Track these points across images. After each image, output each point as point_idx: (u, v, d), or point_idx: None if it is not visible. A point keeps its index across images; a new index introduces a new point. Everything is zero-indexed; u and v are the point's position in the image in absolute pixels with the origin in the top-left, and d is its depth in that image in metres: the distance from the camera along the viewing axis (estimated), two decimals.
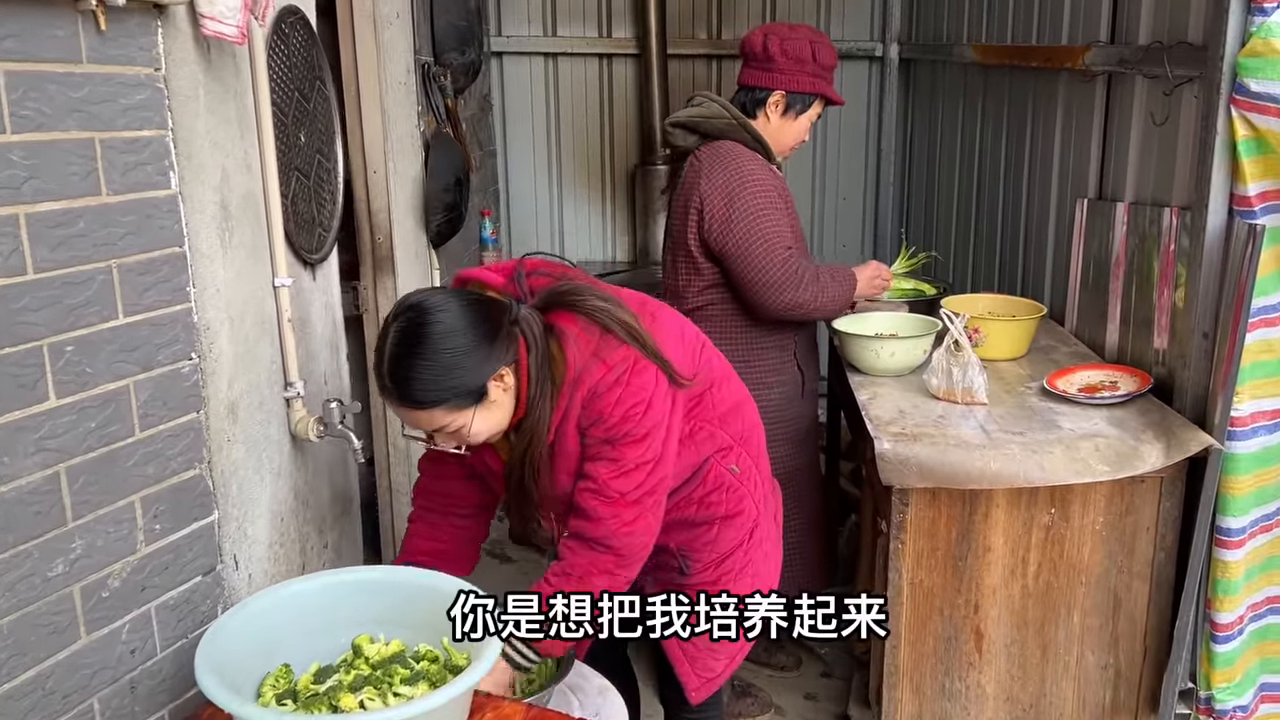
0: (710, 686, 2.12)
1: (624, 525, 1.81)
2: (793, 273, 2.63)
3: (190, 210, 1.61)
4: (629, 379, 1.77)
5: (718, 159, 2.72)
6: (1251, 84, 2.12)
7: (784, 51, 2.75)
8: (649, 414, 1.79)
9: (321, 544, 2.18)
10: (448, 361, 1.65)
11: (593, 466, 1.81)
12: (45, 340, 1.38)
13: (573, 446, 1.82)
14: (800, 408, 2.93)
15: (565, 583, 1.81)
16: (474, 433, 1.73)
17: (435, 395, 1.67)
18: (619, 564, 1.83)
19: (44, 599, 1.41)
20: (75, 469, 1.43)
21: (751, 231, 2.63)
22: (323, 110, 2.25)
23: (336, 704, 1.56)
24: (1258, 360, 2.24)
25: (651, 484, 1.83)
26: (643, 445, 1.80)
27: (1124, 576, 2.38)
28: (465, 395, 1.69)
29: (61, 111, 1.37)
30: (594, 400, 1.76)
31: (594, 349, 1.77)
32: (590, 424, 1.78)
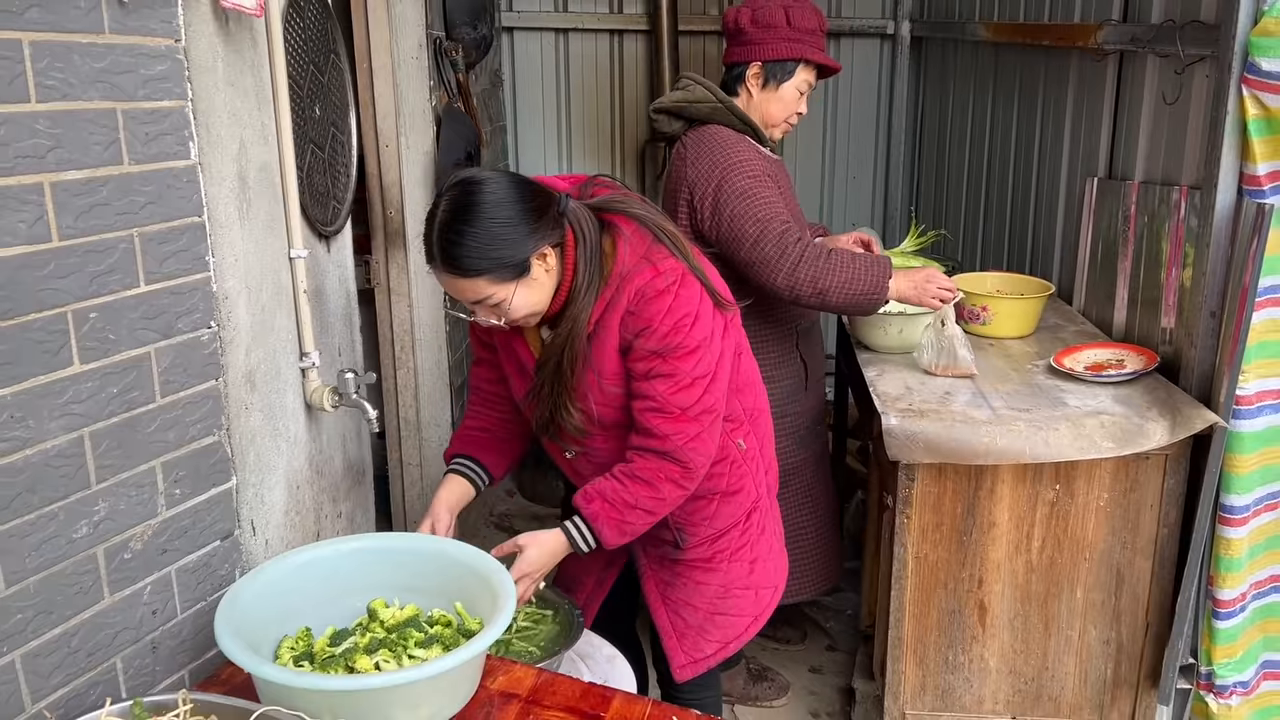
0: (697, 667, 2.13)
1: (688, 440, 1.86)
2: (787, 247, 2.46)
3: (209, 181, 1.63)
4: (677, 290, 1.82)
5: (702, 145, 2.63)
6: (1263, 63, 2.12)
7: (755, 21, 2.66)
8: (697, 326, 1.83)
9: (335, 513, 2.22)
10: (494, 231, 1.72)
11: (649, 385, 1.85)
12: (69, 307, 1.40)
13: (611, 343, 1.85)
14: (804, 402, 2.85)
15: (634, 483, 1.88)
16: (514, 307, 1.79)
17: (480, 264, 1.73)
18: (685, 475, 1.89)
19: (69, 559, 1.44)
20: (99, 434, 1.46)
21: (743, 213, 2.52)
22: (337, 83, 2.26)
23: (352, 666, 1.59)
24: (1264, 340, 2.25)
25: (709, 402, 1.88)
26: (695, 357, 1.84)
27: (1127, 552, 2.40)
28: (508, 267, 1.75)
29: (85, 81, 1.39)
30: (642, 306, 1.81)
31: (645, 252, 1.83)
32: (638, 333, 1.82)
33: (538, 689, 1.64)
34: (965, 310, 2.90)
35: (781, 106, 2.71)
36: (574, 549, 1.94)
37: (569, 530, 1.93)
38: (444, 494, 2.08)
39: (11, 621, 1.37)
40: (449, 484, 2.10)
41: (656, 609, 2.13)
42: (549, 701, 1.61)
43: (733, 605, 2.13)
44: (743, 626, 2.16)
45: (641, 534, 1.97)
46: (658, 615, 2.13)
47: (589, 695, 1.63)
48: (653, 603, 2.14)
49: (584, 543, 1.93)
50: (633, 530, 1.93)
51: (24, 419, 1.35)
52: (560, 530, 1.94)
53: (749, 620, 2.17)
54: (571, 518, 1.94)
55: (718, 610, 2.12)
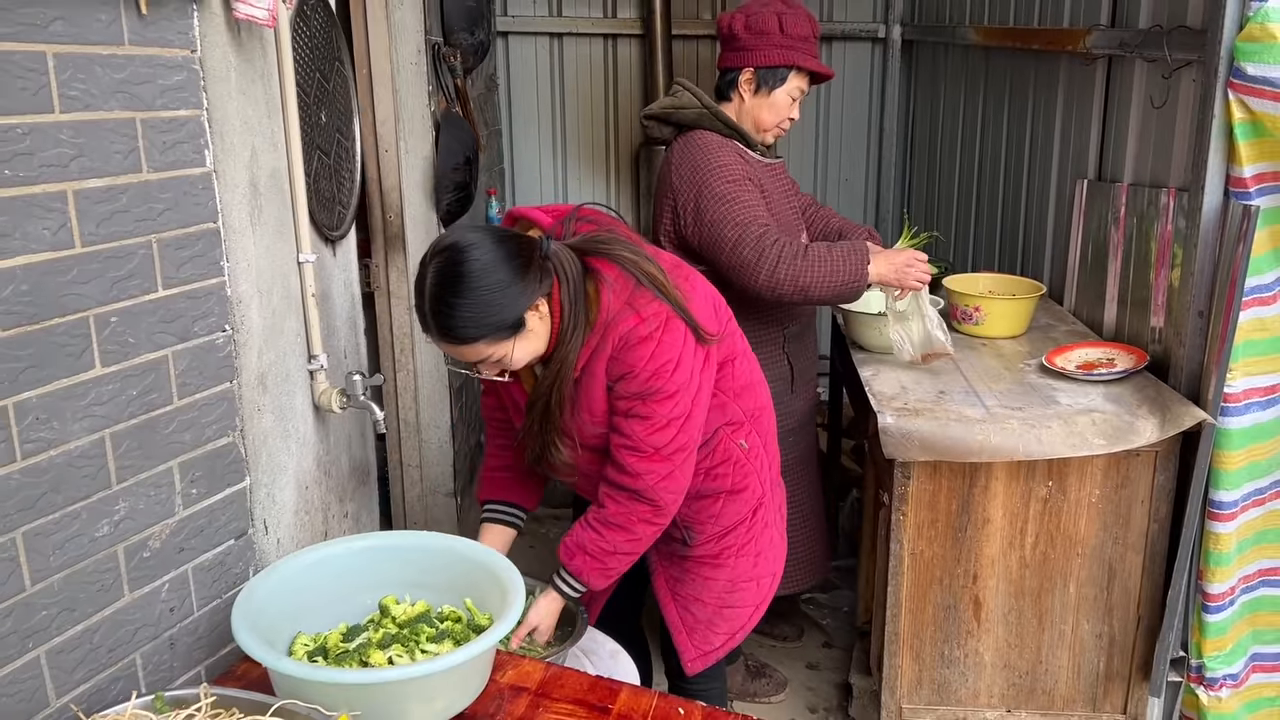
0: (706, 659, 2.18)
1: (659, 479, 1.91)
2: (765, 250, 2.47)
3: (223, 187, 1.67)
4: (660, 335, 1.85)
5: (687, 151, 2.66)
6: (1248, 68, 2.17)
7: (748, 27, 2.67)
8: (678, 371, 1.87)
9: (342, 512, 2.25)
10: (486, 299, 1.73)
11: (627, 424, 1.89)
12: (91, 311, 1.44)
13: (599, 387, 1.89)
14: (791, 403, 2.86)
15: (609, 530, 1.94)
16: (515, 360, 1.83)
17: (476, 331, 1.76)
18: (656, 514, 1.95)
19: (91, 558, 1.48)
20: (119, 435, 1.50)
21: (722, 217, 2.54)
22: (341, 90, 2.30)
23: (366, 660, 1.63)
24: (1250, 338, 2.29)
25: (683, 440, 1.92)
26: (673, 401, 1.88)
27: (1119, 548, 2.45)
28: (504, 328, 1.78)
29: (106, 92, 1.43)
30: (626, 351, 1.84)
31: (628, 298, 1.85)
32: (621, 376, 1.86)
33: (546, 682, 1.68)
34: (958, 311, 2.95)
35: (773, 112, 2.73)
36: (567, 600, 2.03)
37: (557, 584, 2.01)
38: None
39: (37, 618, 1.41)
40: (487, 534, 2.15)
41: (666, 605, 2.18)
42: (558, 694, 1.65)
43: (739, 597, 2.19)
44: (746, 616, 2.22)
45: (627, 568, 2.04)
46: (667, 611, 2.18)
47: (597, 688, 1.67)
48: (662, 599, 2.19)
49: (574, 592, 2.01)
50: (616, 572, 2.01)
51: (49, 420, 1.39)
52: (550, 588, 2.02)
53: (752, 609, 2.22)
54: (558, 571, 2.02)
55: (725, 604, 2.17)
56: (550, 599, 2.03)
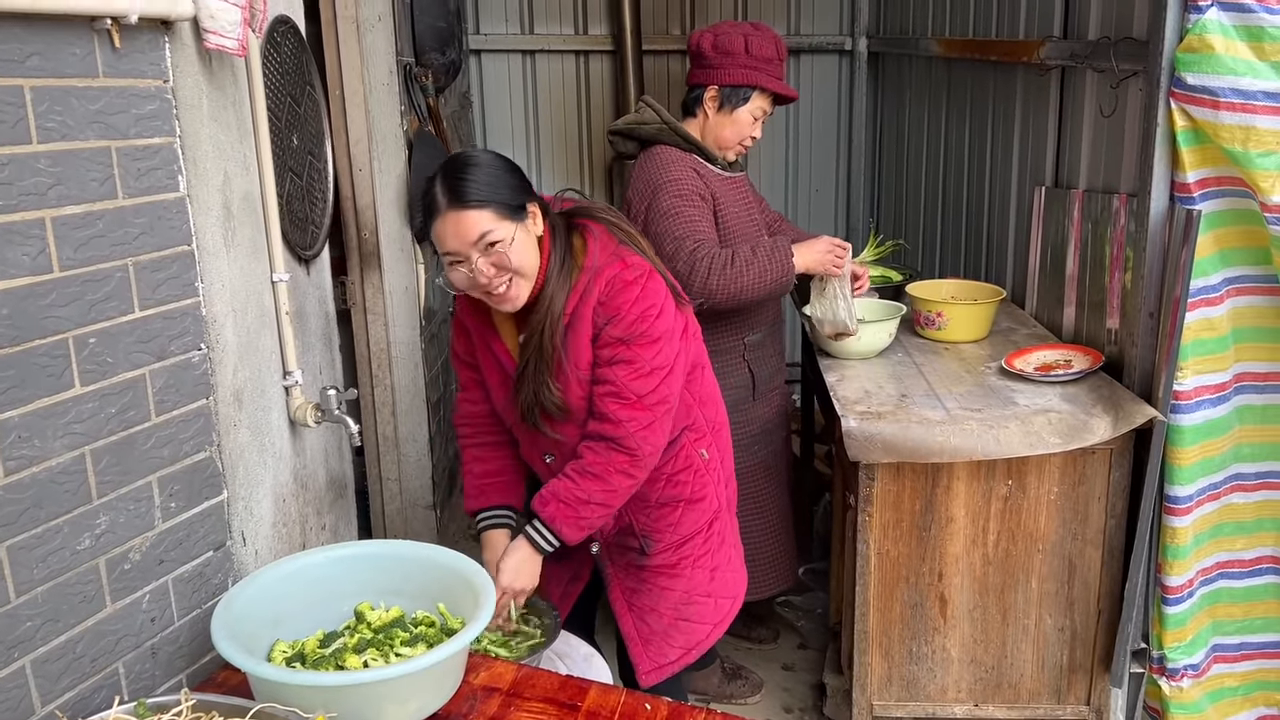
0: (661, 672, 2.21)
1: (640, 427, 1.97)
2: (696, 263, 2.58)
3: (197, 211, 1.72)
4: (645, 282, 1.96)
5: (645, 166, 2.77)
6: (1188, 78, 2.25)
7: (715, 47, 2.77)
8: (661, 318, 1.97)
9: (320, 525, 2.30)
10: (495, 173, 1.90)
11: (611, 370, 1.96)
12: (71, 333, 1.49)
13: (584, 335, 1.97)
14: (752, 410, 2.94)
15: (585, 479, 1.99)
16: (513, 251, 1.89)
17: (487, 192, 1.87)
18: (633, 464, 2.00)
19: (73, 570, 1.53)
20: (99, 451, 1.55)
21: (663, 232, 2.65)
22: (313, 113, 2.36)
23: (342, 664, 1.68)
24: (1199, 338, 2.37)
25: (664, 392, 1.99)
26: (656, 346, 1.96)
27: (1078, 543, 2.52)
28: (509, 206, 1.89)
29: (82, 122, 1.48)
30: (612, 295, 1.94)
31: (614, 249, 1.98)
32: (607, 320, 1.95)
33: (518, 682, 1.74)
34: (921, 316, 3.03)
35: (735, 130, 2.83)
36: (539, 551, 2.05)
37: (530, 535, 2.05)
38: (491, 557, 2.14)
39: (21, 629, 1.46)
40: (491, 542, 2.17)
41: (622, 615, 2.22)
42: (529, 694, 1.71)
43: (694, 612, 2.22)
44: (703, 634, 2.24)
45: (599, 528, 2.09)
46: (623, 622, 2.21)
47: (567, 687, 1.73)
48: (619, 609, 2.22)
49: (546, 544, 2.04)
50: (589, 524, 2.04)
51: (30, 438, 1.44)
52: (522, 537, 2.06)
53: (709, 628, 2.25)
54: (531, 522, 2.05)
55: (681, 616, 2.21)
56: (520, 551, 2.05)
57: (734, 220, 2.81)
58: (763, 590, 3.02)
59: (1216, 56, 2.21)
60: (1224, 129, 2.22)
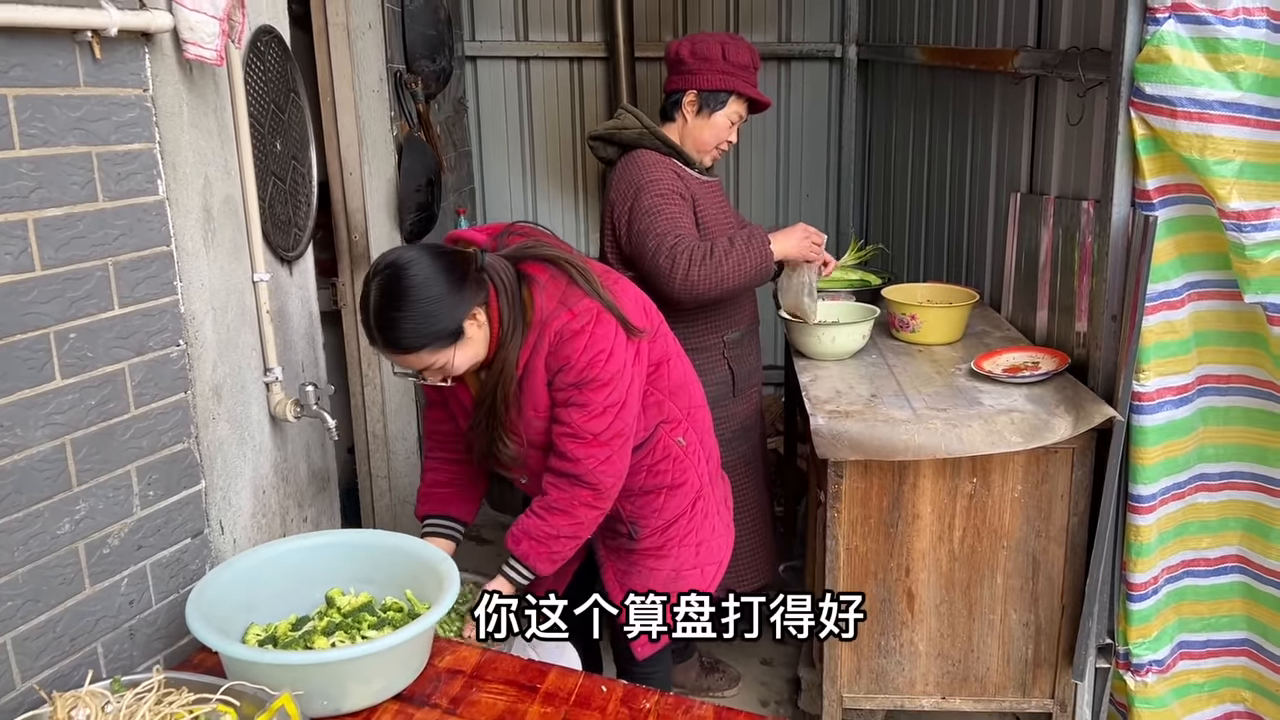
0: (655, 644, 2.28)
1: (598, 464, 2.05)
2: (677, 257, 2.64)
3: (176, 214, 1.80)
4: (592, 329, 2.00)
5: (626, 169, 2.84)
6: (1147, 87, 2.30)
7: (693, 53, 2.86)
8: (611, 361, 2.02)
9: (301, 517, 2.38)
10: (426, 310, 1.88)
11: (566, 412, 2.04)
12: (51, 329, 1.58)
13: (540, 384, 2.04)
14: (732, 407, 2.99)
15: (552, 515, 2.08)
16: (456, 366, 1.97)
17: (418, 340, 1.90)
18: (596, 497, 2.09)
19: (53, 553, 1.61)
20: (79, 441, 1.63)
21: (646, 230, 2.71)
22: (297, 120, 2.44)
23: (310, 646, 1.76)
24: (1161, 340, 2.42)
25: (619, 427, 2.07)
26: (608, 389, 2.03)
27: (1041, 540, 2.57)
28: (444, 337, 1.92)
29: (63, 129, 1.57)
30: (561, 345, 1.99)
31: (560, 296, 2.02)
32: (558, 369, 2.01)
33: (481, 666, 1.81)
34: (896, 319, 3.09)
35: (713, 134, 2.90)
36: (515, 586, 2.13)
37: (507, 574, 2.13)
38: None
39: (3, 608, 1.54)
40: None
41: (615, 595, 2.29)
42: (491, 676, 1.78)
43: (684, 585, 2.30)
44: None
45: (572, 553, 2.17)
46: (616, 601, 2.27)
47: (527, 670, 1.80)
48: (611, 590, 2.31)
49: (522, 579, 2.13)
50: (562, 556, 2.14)
51: (12, 428, 1.53)
52: (500, 576, 2.14)
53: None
54: (507, 560, 2.14)
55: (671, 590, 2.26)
56: (499, 586, 2.12)
57: (712, 221, 2.89)
58: (744, 583, 3.07)
59: (1174, 67, 2.26)
60: (1181, 137, 2.27)
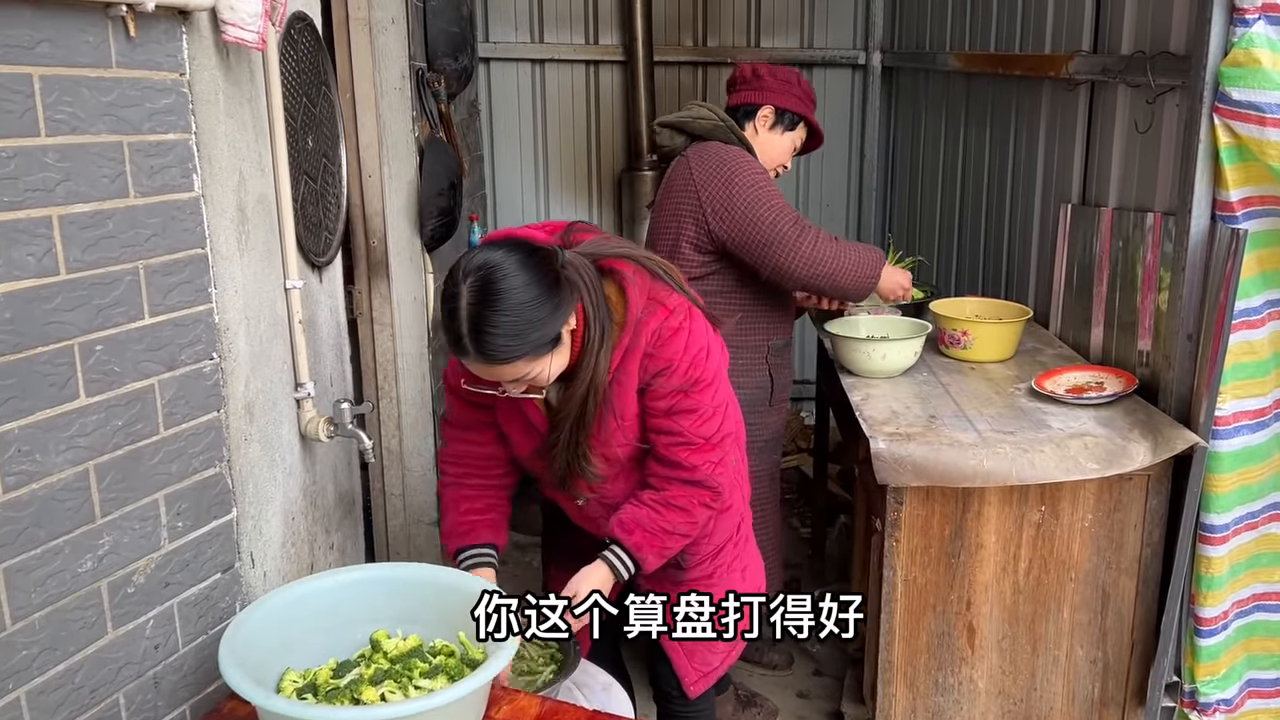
0: (708, 680, 2.18)
1: (715, 467, 1.94)
2: (806, 227, 2.63)
3: (211, 212, 1.64)
4: (689, 325, 1.86)
5: (707, 154, 2.74)
6: (1234, 93, 2.18)
7: (773, 74, 2.88)
8: (711, 358, 1.90)
9: (328, 544, 2.21)
10: (528, 315, 1.67)
11: (673, 421, 1.89)
12: (76, 340, 1.40)
13: (630, 388, 1.87)
14: (765, 416, 2.90)
15: (670, 511, 1.94)
16: (550, 375, 1.78)
17: (518, 349, 1.69)
18: (715, 498, 1.97)
19: (74, 594, 1.43)
20: (103, 466, 1.46)
21: (757, 199, 2.64)
22: (327, 115, 2.28)
23: (358, 697, 1.59)
24: (1239, 361, 2.30)
25: (728, 427, 1.97)
26: (713, 388, 1.91)
27: (1112, 572, 2.44)
28: (544, 344, 1.72)
29: (93, 115, 1.40)
30: (660, 347, 1.83)
31: (649, 291, 1.85)
32: (658, 373, 1.85)
33: (541, 717, 1.65)
34: (946, 335, 2.95)
35: (778, 152, 2.90)
36: (616, 577, 1.97)
37: (610, 560, 1.96)
38: None
39: (17, 658, 1.36)
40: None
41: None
42: None
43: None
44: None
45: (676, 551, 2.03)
46: (665, 638, 2.12)
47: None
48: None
49: (625, 570, 1.97)
50: (669, 553, 2.00)
51: (31, 453, 1.35)
52: (601, 561, 1.97)
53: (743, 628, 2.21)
54: (611, 548, 1.97)
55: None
56: (598, 572, 1.95)
57: None
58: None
59: (1263, 71, 2.14)
60: (1271, 146, 2.15)
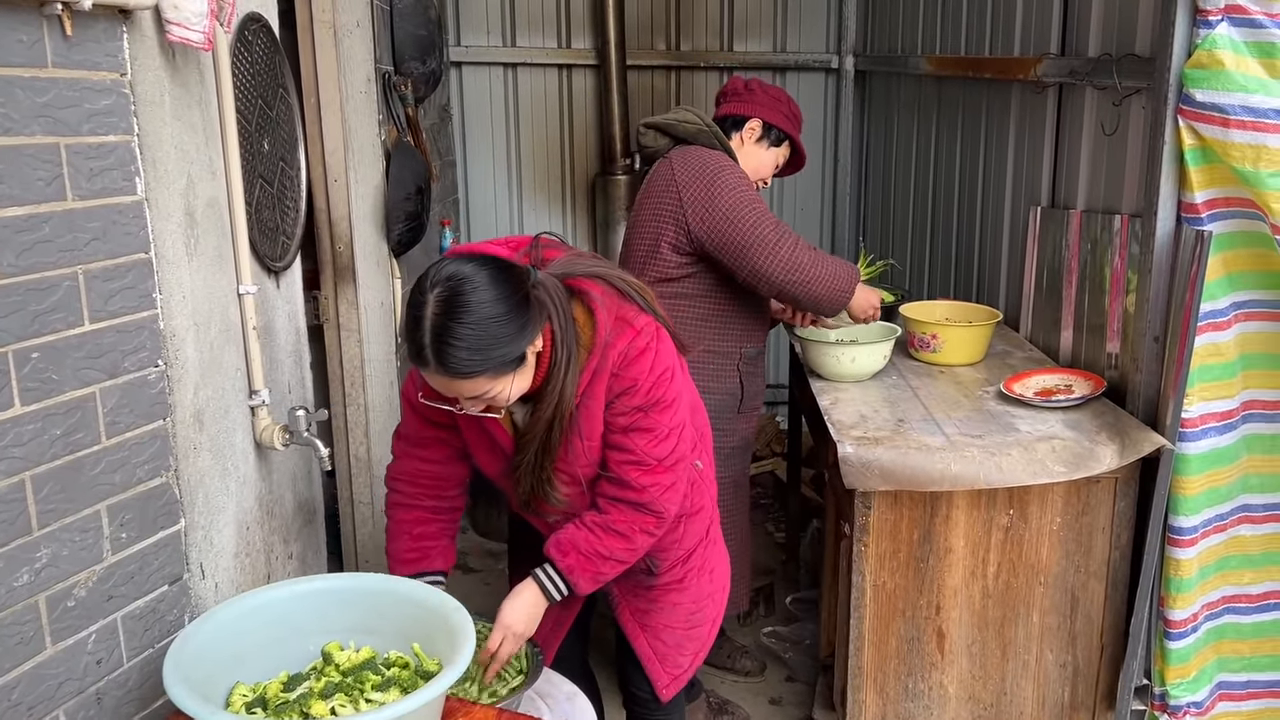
0: (679, 683, 2.18)
1: (664, 490, 1.90)
2: (785, 233, 2.62)
3: (156, 216, 1.60)
4: (656, 346, 1.84)
5: (690, 157, 2.73)
6: (1197, 94, 2.18)
7: (764, 89, 2.89)
8: (674, 380, 1.88)
9: (286, 554, 2.17)
10: (493, 331, 1.63)
11: (629, 439, 1.85)
12: (10, 347, 1.36)
13: (597, 409, 1.84)
14: (734, 422, 2.88)
15: (609, 536, 1.90)
16: (510, 396, 1.73)
17: (480, 365, 1.63)
18: (658, 524, 1.92)
19: (9, 609, 1.39)
20: (41, 477, 1.42)
21: (739, 202, 2.63)
22: (285, 118, 2.24)
23: (308, 711, 1.55)
24: (1206, 363, 2.29)
25: (681, 451, 1.92)
26: (672, 410, 1.87)
27: (1081, 576, 2.43)
28: (508, 363, 1.67)
29: (27, 116, 1.36)
30: (627, 367, 1.80)
31: (617, 311, 1.82)
32: (622, 392, 1.82)
33: None
34: (915, 338, 2.94)
35: (761, 165, 2.90)
36: (546, 598, 1.94)
37: (540, 580, 1.93)
38: None
39: None
40: None
41: (636, 637, 2.15)
42: None
43: (702, 615, 2.20)
44: (706, 632, 2.22)
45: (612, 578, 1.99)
46: (638, 643, 2.15)
47: None
48: (631, 631, 2.15)
49: (556, 592, 1.93)
50: (604, 579, 1.96)
51: None
52: (532, 581, 1.93)
53: (710, 624, 2.23)
54: (543, 567, 1.93)
55: (691, 624, 2.17)
56: (527, 593, 1.92)
57: None
58: (738, 605, 2.98)
59: (1227, 73, 2.14)
60: (1234, 148, 2.15)
